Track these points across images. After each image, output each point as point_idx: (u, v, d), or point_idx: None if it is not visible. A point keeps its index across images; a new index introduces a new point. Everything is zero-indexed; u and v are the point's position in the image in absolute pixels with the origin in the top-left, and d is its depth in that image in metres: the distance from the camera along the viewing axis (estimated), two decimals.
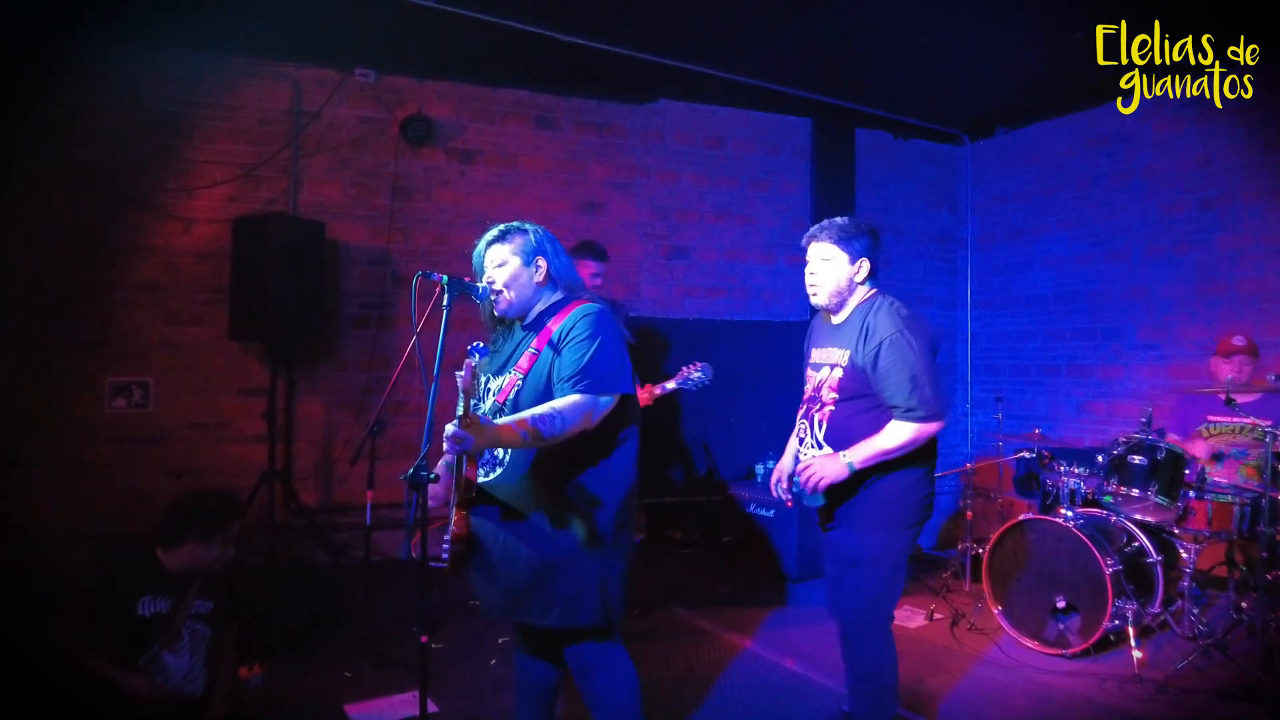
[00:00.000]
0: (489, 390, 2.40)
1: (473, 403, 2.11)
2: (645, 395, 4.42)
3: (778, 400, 5.25)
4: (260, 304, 4.82)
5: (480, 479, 2.24)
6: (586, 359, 2.26)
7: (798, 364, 3.11)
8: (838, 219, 2.86)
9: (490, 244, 2.45)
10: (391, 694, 3.42)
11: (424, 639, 2.16)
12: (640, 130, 6.36)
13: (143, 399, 5.15)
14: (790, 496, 2.86)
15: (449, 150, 5.82)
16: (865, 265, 2.80)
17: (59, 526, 4.71)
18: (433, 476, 2.06)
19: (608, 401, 2.29)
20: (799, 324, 6.60)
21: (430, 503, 2.29)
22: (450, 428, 2.03)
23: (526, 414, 2.16)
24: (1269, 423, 3.64)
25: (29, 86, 4.91)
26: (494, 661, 3.83)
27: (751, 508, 5.64)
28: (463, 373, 2.00)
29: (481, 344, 2.21)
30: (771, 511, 5.50)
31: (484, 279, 2.43)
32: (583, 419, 2.22)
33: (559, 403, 2.21)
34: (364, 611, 4.14)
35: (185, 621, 2.75)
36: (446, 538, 2.23)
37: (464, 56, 5.63)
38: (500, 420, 2.15)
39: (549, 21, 4.97)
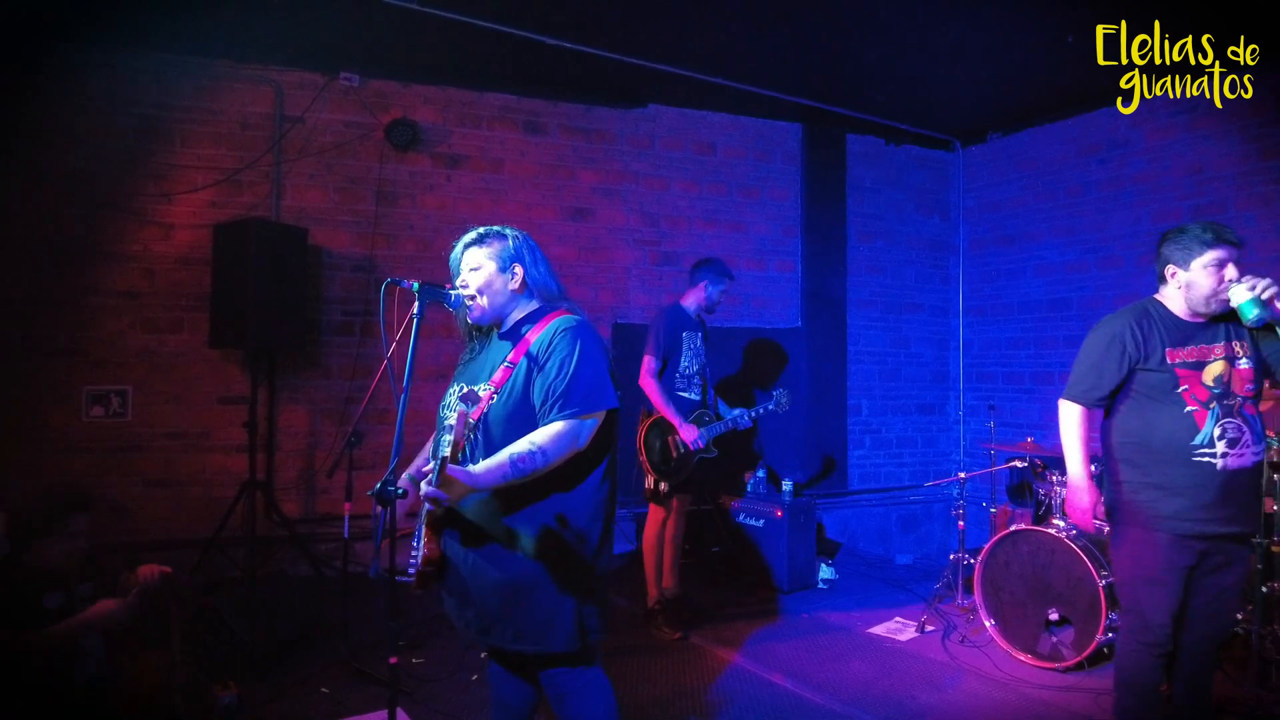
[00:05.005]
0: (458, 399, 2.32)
1: (446, 438, 2.07)
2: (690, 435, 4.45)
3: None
4: (241, 311, 4.73)
5: None
6: (568, 380, 2.16)
7: (787, 370, 3.07)
8: None
9: (467, 247, 2.37)
10: (367, 712, 3.33)
11: (393, 660, 2.07)
12: (629, 136, 6.30)
13: (121, 408, 5.06)
14: None
15: (435, 155, 5.75)
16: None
17: None
18: (400, 492, 1.97)
19: (593, 423, 2.20)
20: (789, 331, 6.57)
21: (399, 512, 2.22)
22: (425, 486, 1.98)
23: (505, 455, 2.08)
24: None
25: (5, 89, 4.82)
26: (475, 678, 3.74)
27: (741, 518, 5.57)
28: (454, 421, 1.98)
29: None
30: (761, 522, 5.42)
31: (458, 282, 2.35)
32: (569, 448, 2.14)
33: (539, 436, 2.12)
34: (342, 626, 4.04)
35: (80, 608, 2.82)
36: (414, 552, 2.14)
37: (450, 60, 5.57)
38: (477, 468, 2.07)
39: (537, 25, 4.91)
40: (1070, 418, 3.00)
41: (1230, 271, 2.77)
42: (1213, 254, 2.79)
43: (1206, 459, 2.75)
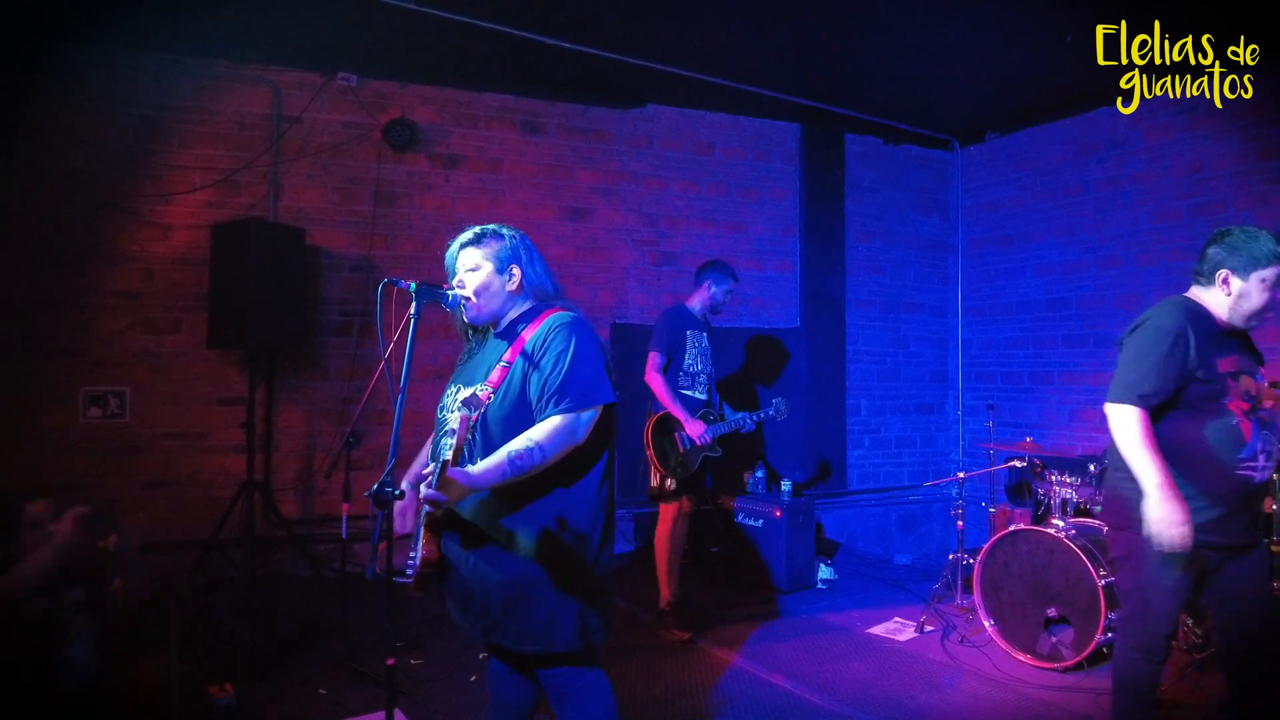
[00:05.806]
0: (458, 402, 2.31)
1: (446, 441, 2.07)
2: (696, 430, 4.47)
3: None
4: (239, 311, 4.73)
5: None
6: (563, 375, 2.16)
7: (786, 370, 3.03)
8: None
9: (464, 246, 2.36)
10: (366, 713, 3.33)
11: (390, 661, 2.07)
12: (628, 136, 6.29)
13: (119, 409, 5.05)
14: None
15: (433, 155, 5.75)
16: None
17: None
18: (398, 493, 1.97)
19: (590, 416, 2.19)
20: (788, 331, 6.57)
21: (397, 518, 2.22)
22: (424, 489, 1.98)
23: (503, 454, 2.08)
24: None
25: (5, 89, 4.82)
26: (474, 678, 3.74)
27: (741, 518, 5.57)
28: (456, 425, 1.99)
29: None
30: (760, 522, 5.42)
31: (455, 282, 2.34)
32: (566, 443, 2.14)
33: (536, 432, 2.12)
34: (341, 626, 4.04)
35: (67, 613, 2.80)
36: (413, 553, 2.14)
37: (449, 60, 5.57)
38: (475, 468, 2.07)
39: (537, 26, 4.91)
40: (1133, 424, 2.67)
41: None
42: (1274, 270, 2.67)
43: (1248, 471, 2.67)
